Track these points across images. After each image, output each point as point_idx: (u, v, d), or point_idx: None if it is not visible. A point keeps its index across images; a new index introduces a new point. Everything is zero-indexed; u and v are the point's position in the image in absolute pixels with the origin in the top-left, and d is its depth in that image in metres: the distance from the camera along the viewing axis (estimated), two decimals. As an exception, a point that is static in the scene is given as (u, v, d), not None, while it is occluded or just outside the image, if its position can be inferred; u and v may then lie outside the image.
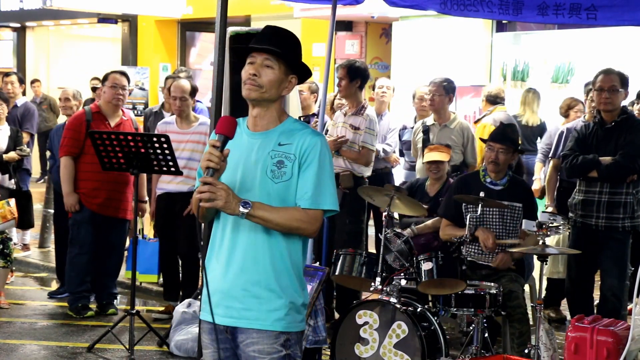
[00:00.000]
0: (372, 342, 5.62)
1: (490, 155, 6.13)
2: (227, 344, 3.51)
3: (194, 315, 6.60)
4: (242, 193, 3.42)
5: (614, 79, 6.33)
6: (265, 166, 3.44)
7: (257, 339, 3.43)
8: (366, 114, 7.20)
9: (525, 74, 11.93)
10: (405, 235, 6.38)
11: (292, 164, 3.44)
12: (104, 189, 7.48)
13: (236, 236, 3.46)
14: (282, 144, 3.47)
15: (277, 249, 3.45)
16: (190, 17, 17.00)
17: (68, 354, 6.70)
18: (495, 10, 6.42)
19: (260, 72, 3.45)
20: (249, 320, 3.43)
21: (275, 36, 3.50)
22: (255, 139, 3.50)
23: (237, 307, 3.45)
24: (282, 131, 3.50)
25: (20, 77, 10.75)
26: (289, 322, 3.46)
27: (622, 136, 6.32)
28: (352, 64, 7.27)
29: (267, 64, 3.46)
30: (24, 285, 9.20)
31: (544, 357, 5.60)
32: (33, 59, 20.71)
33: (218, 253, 3.51)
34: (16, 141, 8.94)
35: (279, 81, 3.48)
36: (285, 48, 3.48)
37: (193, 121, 7.48)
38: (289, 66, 3.50)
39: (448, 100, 7.69)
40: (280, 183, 3.43)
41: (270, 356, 3.42)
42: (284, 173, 3.43)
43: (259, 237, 3.44)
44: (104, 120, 7.55)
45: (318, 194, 3.43)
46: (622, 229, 6.35)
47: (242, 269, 3.44)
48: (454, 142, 7.54)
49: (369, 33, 14.45)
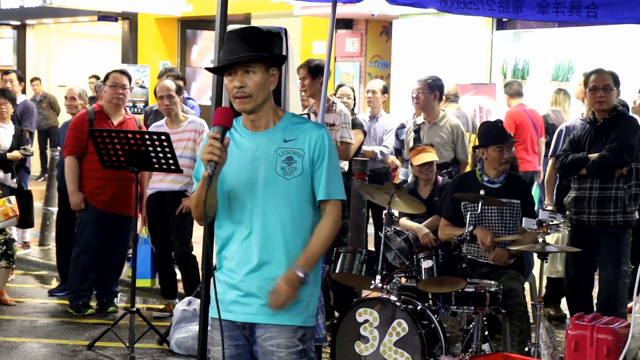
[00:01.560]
0: (372, 340, 5.62)
1: (501, 156, 6.08)
2: (241, 341, 3.55)
3: (194, 313, 6.61)
4: (254, 193, 3.46)
5: (607, 77, 6.42)
6: (273, 164, 3.47)
7: (277, 333, 3.48)
8: (338, 109, 7.32)
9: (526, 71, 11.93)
10: (406, 233, 6.38)
11: (302, 159, 3.48)
12: (109, 187, 7.48)
13: (250, 234, 3.49)
14: (287, 140, 3.50)
15: (293, 246, 3.49)
16: (190, 15, 17.01)
17: (68, 352, 6.70)
18: (495, 8, 6.41)
19: (244, 82, 3.45)
20: (268, 316, 3.48)
21: (242, 42, 3.45)
22: (258, 138, 3.52)
23: (255, 304, 3.48)
24: (284, 127, 3.53)
25: (19, 75, 10.78)
26: (306, 317, 3.53)
27: (612, 132, 6.38)
28: (312, 62, 7.33)
29: (247, 70, 3.45)
30: (24, 283, 9.21)
31: (544, 355, 5.61)
32: (33, 57, 20.71)
33: (232, 251, 3.53)
34: (20, 140, 8.95)
35: (264, 81, 3.48)
36: (255, 48, 3.45)
37: (182, 120, 7.50)
38: (266, 61, 3.49)
39: (434, 98, 7.68)
40: (292, 179, 3.47)
41: (288, 350, 3.47)
42: (295, 169, 3.47)
43: (273, 234, 3.47)
44: (107, 119, 7.56)
45: (330, 185, 3.51)
46: (614, 224, 6.39)
47: (259, 265, 3.48)
48: (444, 139, 7.55)
49: (369, 31, 14.45)
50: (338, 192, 3.55)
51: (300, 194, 3.48)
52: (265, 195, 3.46)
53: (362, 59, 14.15)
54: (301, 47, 14.65)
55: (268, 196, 3.45)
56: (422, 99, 7.68)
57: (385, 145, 8.57)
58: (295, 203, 3.48)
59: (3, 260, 7.84)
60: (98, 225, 7.56)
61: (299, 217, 3.49)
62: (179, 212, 7.38)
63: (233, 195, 3.51)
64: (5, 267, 7.91)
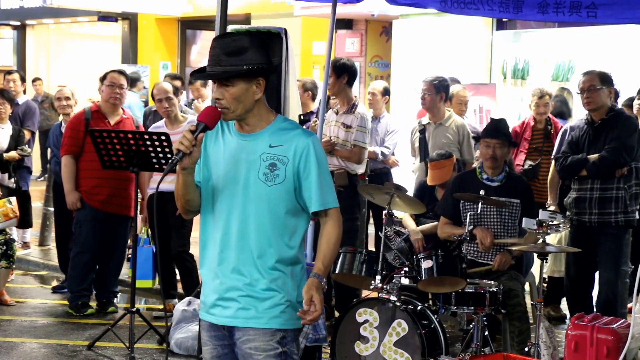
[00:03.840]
0: (372, 340, 5.62)
1: (487, 151, 6.14)
2: (226, 341, 3.53)
3: (194, 314, 6.61)
4: (234, 195, 3.43)
5: (592, 78, 6.46)
6: (256, 168, 3.43)
7: (254, 336, 3.45)
8: (357, 112, 7.22)
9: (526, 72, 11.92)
10: (406, 234, 6.37)
11: (286, 166, 3.42)
12: (106, 186, 7.47)
13: (229, 236, 3.46)
14: (272, 145, 3.44)
15: (272, 247, 3.45)
16: (190, 16, 17.01)
17: (68, 352, 6.70)
18: (495, 8, 6.42)
19: (222, 94, 3.40)
20: (245, 319, 3.45)
21: (222, 53, 3.38)
22: (245, 140, 3.47)
23: (233, 307, 3.46)
24: (272, 132, 3.47)
25: (22, 76, 10.79)
26: (285, 320, 3.47)
27: (611, 133, 6.38)
28: (338, 61, 7.30)
29: (225, 83, 3.40)
30: (24, 283, 9.21)
31: (544, 355, 5.60)
32: (33, 57, 20.71)
33: (212, 253, 3.52)
34: (17, 140, 8.95)
35: (242, 94, 3.40)
36: (233, 61, 3.36)
37: (182, 121, 7.51)
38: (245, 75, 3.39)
39: (440, 99, 7.69)
40: (273, 186, 3.42)
41: (266, 353, 3.44)
42: (277, 176, 3.42)
43: (252, 237, 3.44)
44: (104, 119, 7.55)
45: (324, 195, 3.45)
46: (615, 224, 6.39)
47: (236, 268, 3.45)
48: (449, 140, 7.54)
49: (369, 31, 14.44)
50: (333, 200, 3.50)
51: (280, 201, 3.43)
52: (245, 198, 3.42)
53: (362, 59, 14.14)
54: (301, 47, 14.65)
55: (248, 200, 3.41)
56: (428, 100, 7.67)
57: (386, 145, 8.56)
58: (274, 210, 3.43)
59: (3, 261, 7.84)
60: (95, 224, 7.55)
61: (278, 225, 3.44)
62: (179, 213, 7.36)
63: (216, 195, 3.49)
64: (5, 267, 7.91)
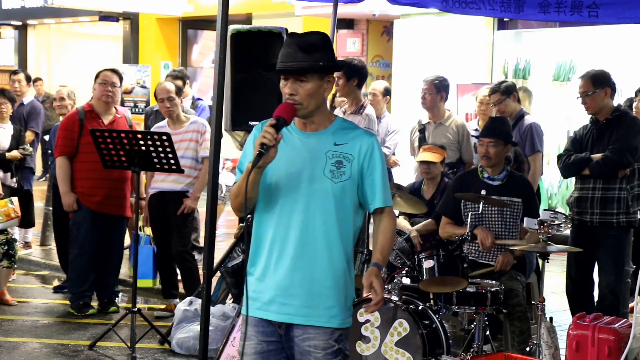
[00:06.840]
0: (373, 340, 5.62)
1: (481, 150, 6.16)
2: (274, 338, 3.56)
3: (196, 313, 6.61)
4: (295, 191, 3.47)
5: (585, 83, 6.38)
6: (322, 165, 3.49)
7: (314, 334, 3.50)
8: (365, 113, 7.21)
9: (527, 71, 11.92)
10: (407, 234, 6.37)
11: (351, 164, 3.51)
12: (102, 187, 7.45)
13: (291, 233, 3.49)
14: (337, 143, 3.52)
15: (335, 246, 3.51)
16: (191, 15, 17.01)
17: (69, 352, 6.71)
18: (496, 7, 6.42)
19: (296, 90, 3.45)
20: (306, 318, 3.50)
21: (298, 49, 3.44)
22: (309, 138, 3.54)
23: (294, 304, 3.50)
24: (335, 131, 3.55)
25: (27, 75, 10.73)
26: (343, 319, 3.55)
27: (615, 133, 6.37)
28: (349, 62, 7.29)
29: (300, 78, 3.46)
30: (26, 283, 9.21)
31: (545, 355, 5.60)
32: (34, 57, 20.73)
33: (270, 250, 3.53)
34: (19, 140, 8.96)
35: (316, 90, 3.48)
36: (309, 57, 3.44)
37: (184, 121, 7.49)
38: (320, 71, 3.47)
39: (440, 99, 7.69)
40: (339, 183, 3.49)
41: (325, 351, 3.50)
42: (343, 173, 3.50)
43: (315, 235, 3.48)
44: (97, 118, 7.50)
45: (385, 193, 3.58)
46: (616, 225, 6.37)
47: (299, 266, 3.49)
48: (449, 139, 7.54)
49: (371, 31, 14.45)
50: (390, 199, 3.63)
51: (345, 198, 3.51)
52: (310, 194, 3.47)
53: (363, 59, 14.13)
54: (302, 47, 14.63)
55: (313, 196, 3.47)
56: (429, 100, 7.68)
57: (387, 146, 8.56)
58: (340, 206, 3.51)
59: (5, 260, 7.85)
60: (92, 225, 7.52)
61: (343, 221, 3.52)
62: (180, 213, 7.38)
63: (276, 191, 3.51)
64: (6, 267, 7.92)
